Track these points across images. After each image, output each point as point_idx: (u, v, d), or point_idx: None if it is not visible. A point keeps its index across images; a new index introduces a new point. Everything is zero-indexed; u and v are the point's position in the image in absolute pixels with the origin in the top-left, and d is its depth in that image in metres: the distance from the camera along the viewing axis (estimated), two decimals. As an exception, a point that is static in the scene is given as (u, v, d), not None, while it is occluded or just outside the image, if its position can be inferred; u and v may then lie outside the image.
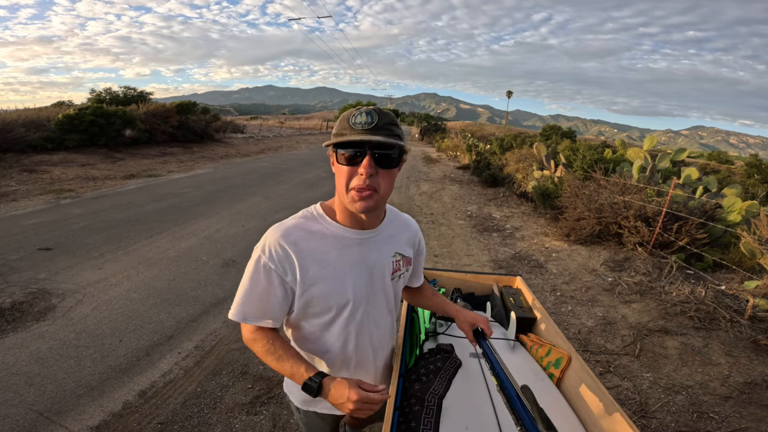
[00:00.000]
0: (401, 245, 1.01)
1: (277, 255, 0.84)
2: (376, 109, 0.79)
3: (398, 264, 0.99)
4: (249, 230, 5.06)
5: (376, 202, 0.81)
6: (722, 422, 2.15)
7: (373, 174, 0.78)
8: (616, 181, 5.46)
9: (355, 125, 0.77)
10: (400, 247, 1.01)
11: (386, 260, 0.96)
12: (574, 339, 2.98)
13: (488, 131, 32.88)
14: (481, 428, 1.03)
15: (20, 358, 2.32)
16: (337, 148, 0.80)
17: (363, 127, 0.77)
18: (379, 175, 0.80)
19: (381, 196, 0.82)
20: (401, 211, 1.08)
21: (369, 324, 0.98)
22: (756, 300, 3.08)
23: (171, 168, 9.97)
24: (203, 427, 1.96)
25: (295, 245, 0.85)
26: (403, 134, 0.85)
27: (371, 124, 0.76)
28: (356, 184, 0.79)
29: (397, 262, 0.99)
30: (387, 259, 0.97)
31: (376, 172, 0.79)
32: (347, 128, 0.78)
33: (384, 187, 0.82)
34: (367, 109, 0.80)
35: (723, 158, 25.06)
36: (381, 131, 0.77)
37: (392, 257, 0.98)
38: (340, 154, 0.80)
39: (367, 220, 0.90)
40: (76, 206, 5.71)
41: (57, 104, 14.84)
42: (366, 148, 0.77)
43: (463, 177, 11.66)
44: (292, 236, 0.86)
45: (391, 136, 0.77)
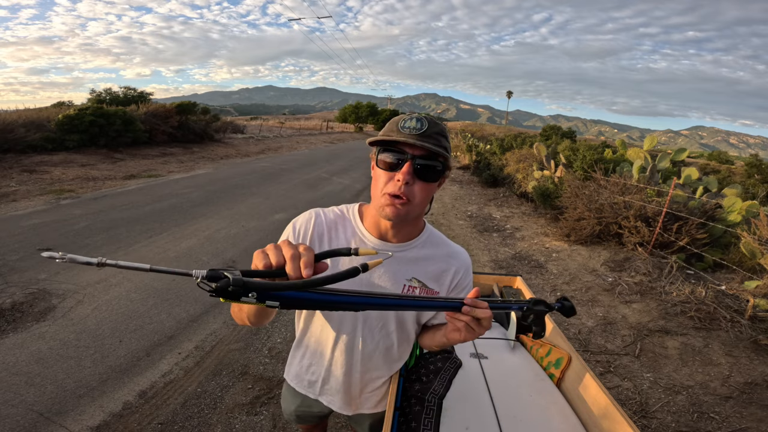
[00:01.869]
0: (427, 274, 0.89)
1: (301, 234, 0.88)
2: (427, 117, 0.76)
3: (411, 291, 0.88)
4: (249, 230, 5.06)
5: (407, 212, 0.77)
6: (723, 422, 2.15)
7: (409, 182, 0.75)
8: (616, 181, 5.46)
9: (403, 129, 0.75)
10: (424, 275, 0.89)
11: (396, 281, 0.87)
12: (575, 339, 2.98)
13: (488, 131, 32.89)
14: (481, 428, 1.03)
15: (20, 359, 2.32)
16: (379, 153, 0.77)
17: (411, 132, 0.74)
18: (416, 185, 0.76)
19: (413, 206, 0.77)
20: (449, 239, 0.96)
21: (356, 341, 0.93)
22: (756, 300, 3.08)
23: (171, 168, 9.98)
24: (203, 427, 1.96)
25: (319, 232, 0.88)
26: (451, 149, 0.81)
27: (420, 130, 0.74)
28: (391, 189, 0.75)
29: (412, 288, 0.88)
30: (399, 280, 0.87)
31: (413, 181, 0.75)
32: (395, 131, 0.75)
33: (419, 198, 0.77)
34: (419, 115, 0.77)
35: (723, 158, 25.06)
36: (428, 140, 0.73)
37: (407, 280, 0.88)
38: (380, 159, 0.77)
39: (392, 231, 0.85)
40: (77, 207, 5.71)
41: (57, 104, 14.83)
42: (408, 155, 0.74)
43: (463, 177, 11.65)
44: (320, 223, 0.89)
45: (438, 147, 0.74)
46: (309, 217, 0.90)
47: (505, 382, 1.24)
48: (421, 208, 0.80)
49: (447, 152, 0.77)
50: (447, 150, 0.77)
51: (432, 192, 0.81)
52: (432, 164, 0.75)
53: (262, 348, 2.66)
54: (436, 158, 0.76)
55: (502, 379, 1.26)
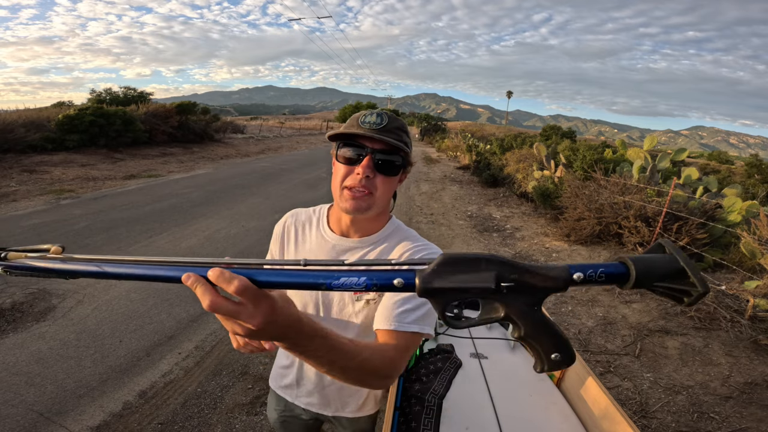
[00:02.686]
0: None
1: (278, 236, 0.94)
2: (387, 113, 0.77)
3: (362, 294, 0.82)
4: (249, 230, 5.06)
5: (369, 205, 0.77)
6: (723, 422, 2.15)
7: (370, 176, 0.75)
8: (616, 181, 5.46)
9: (364, 124, 0.75)
10: None
11: None
12: (575, 339, 2.98)
13: (488, 131, 32.91)
14: (481, 428, 1.03)
15: (21, 359, 2.32)
16: (339, 147, 0.78)
17: (371, 126, 0.74)
18: (376, 179, 0.76)
19: (375, 199, 0.77)
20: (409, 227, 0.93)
21: None
22: (756, 300, 3.08)
23: (171, 168, 9.98)
24: (203, 427, 1.96)
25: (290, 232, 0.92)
26: (411, 144, 0.81)
27: (380, 125, 0.74)
28: (350, 183, 0.76)
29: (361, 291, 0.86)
30: None
31: (374, 174, 0.75)
32: (355, 126, 0.76)
33: (381, 191, 0.77)
34: (379, 111, 0.77)
35: (723, 158, 25.06)
36: (389, 134, 0.74)
37: None
38: (340, 154, 0.77)
39: (353, 227, 0.84)
40: (77, 207, 5.71)
41: (57, 104, 14.83)
42: (368, 149, 0.74)
43: (463, 177, 11.66)
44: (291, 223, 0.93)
45: (398, 142, 0.74)
46: (284, 219, 0.95)
47: (505, 382, 1.24)
48: (383, 201, 0.79)
49: (407, 147, 0.77)
50: (407, 145, 0.77)
51: (393, 187, 0.80)
52: (392, 159, 0.76)
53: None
54: (397, 153, 0.76)
55: (502, 379, 1.26)
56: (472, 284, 0.34)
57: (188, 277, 0.38)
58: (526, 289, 0.34)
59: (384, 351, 0.67)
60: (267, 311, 0.41)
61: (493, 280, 0.33)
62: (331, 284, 0.36)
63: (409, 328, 0.71)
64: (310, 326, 0.49)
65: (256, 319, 0.40)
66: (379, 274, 0.36)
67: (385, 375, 0.65)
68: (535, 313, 0.35)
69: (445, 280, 0.34)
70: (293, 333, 0.46)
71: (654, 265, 0.33)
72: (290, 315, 0.45)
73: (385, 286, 0.36)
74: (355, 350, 0.58)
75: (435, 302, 0.35)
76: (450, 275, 0.34)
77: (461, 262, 0.34)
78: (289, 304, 0.45)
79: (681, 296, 0.33)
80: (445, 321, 0.36)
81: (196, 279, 0.38)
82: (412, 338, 0.71)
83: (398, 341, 0.69)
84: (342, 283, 0.36)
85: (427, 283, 0.34)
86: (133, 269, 0.40)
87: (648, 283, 0.33)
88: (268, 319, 0.41)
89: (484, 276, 0.34)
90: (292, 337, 0.47)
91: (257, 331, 0.41)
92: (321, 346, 0.51)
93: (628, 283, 0.33)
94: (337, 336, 0.55)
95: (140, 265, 0.40)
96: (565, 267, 0.34)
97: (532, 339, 0.36)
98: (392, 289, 0.36)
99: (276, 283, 0.39)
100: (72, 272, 0.41)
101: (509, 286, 0.34)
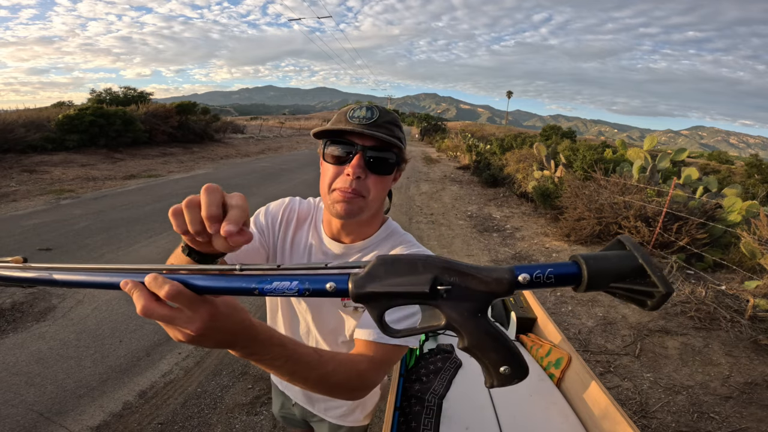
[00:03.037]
0: None
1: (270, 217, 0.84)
2: (378, 106, 0.70)
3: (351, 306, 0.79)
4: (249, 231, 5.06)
5: (361, 208, 0.70)
6: (723, 422, 2.15)
7: (361, 177, 0.68)
8: (616, 181, 5.46)
9: (352, 119, 0.68)
10: None
11: None
12: (575, 339, 2.98)
13: (488, 131, 32.91)
14: (481, 428, 1.03)
15: (21, 359, 2.32)
16: (326, 146, 0.71)
17: (360, 121, 0.67)
18: (369, 180, 0.69)
19: (368, 202, 0.71)
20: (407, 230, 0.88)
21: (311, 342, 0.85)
22: (756, 300, 3.08)
23: (171, 168, 9.98)
24: (204, 427, 1.96)
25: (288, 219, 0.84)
26: (405, 139, 0.75)
27: (370, 119, 0.68)
28: (340, 185, 0.69)
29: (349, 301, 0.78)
30: None
31: (365, 175, 0.69)
32: (343, 121, 0.69)
33: (374, 193, 0.71)
34: (368, 104, 0.71)
35: (723, 158, 25.06)
36: (380, 129, 0.67)
37: None
38: (328, 153, 0.70)
39: (344, 231, 0.78)
40: (77, 207, 5.71)
41: (57, 104, 14.83)
42: (358, 146, 0.68)
43: (463, 177, 11.65)
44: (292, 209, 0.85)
45: (391, 137, 0.68)
46: (282, 202, 0.87)
47: (505, 382, 1.24)
48: (376, 203, 0.73)
49: (401, 143, 0.71)
50: (401, 140, 0.71)
51: (387, 186, 0.74)
52: (385, 156, 0.69)
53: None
54: (390, 149, 0.70)
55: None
56: (406, 288, 0.31)
57: (126, 283, 0.38)
58: (466, 293, 0.30)
59: (354, 363, 0.62)
60: (206, 317, 0.39)
61: (428, 283, 0.30)
62: (263, 289, 0.35)
63: (388, 341, 0.64)
64: (266, 334, 0.47)
65: (194, 324, 0.39)
66: (312, 278, 0.34)
67: (352, 388, 0.61)
68: (479, 321, 0.31)
69: (379, 284, 0.31)
70: (244, 340, 0.45)
71: (609, 264, 0.29)
72: (238, 321, 0.43)
73: (318, 291, 0.34)
74: (318, 361, 0.55)
75: (370, 308, 0.33)
76: (384, 278, 0.31)
77: (397, 265, 0.32)
78: (237, 311, 0.43)
79: (643, 299, 0.29)
80: (381, 329, 0.33)
81: (133, 285, 0.37)
82: (392, 350, 0.66)
83: (375, 353, 0.65)
84: (274, 288, 0.35)
85: (360, 288, 0.32)
86: (79, 276, 0.40)
87: (603, 285, 0.30)
88: (208, 324, 0.39)
89: (419, 279, 0.30)
90: (244, 345, 0.45)
91: (198, 336, 0.40)
92: (278, 354, 0.49)
93: (581, 286, 0.30)
94: (296, 345, 0.52)
95: (86, 272, 0.40)
96: (510, 268, 0.31)
97: (477, 350, 0.32)
98: (325, 294, 0.34)
99: (210, 288, 0.38)
100: (26, 280, 0.41)
101: (447, 290, 0.30)
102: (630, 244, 0.30)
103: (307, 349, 0.55)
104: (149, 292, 0.37)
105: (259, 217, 0.84)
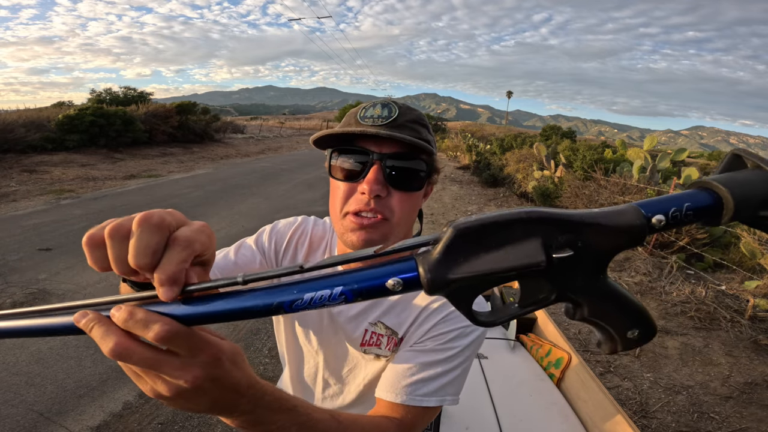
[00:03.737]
0: (397, 316, 0.62)
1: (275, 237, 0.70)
2: (398, 102, 0.55)
3: (375, 338, 0.63)
4: (249, 231, 5.03)
5: (384, 236, 0.53)
6: (723, 422, 2.15)
7: (381, 195, 0.51)
8: (616, 181, 5.46)
9: (364, 119, 0.53)
10: (395, 317, 0.62)
11: (357, 323, 0.64)
12: (574, 339, 2.98)
13: (488, 131, 32.92)
14: (481, 428, 1.03)
15: (21, 359, 2.32)
16: (332, 157, 0.55)
17: (375, 122, 0.52)
18: (392, 198, 0.53)
19: (392, 227, 0.54)
20: None
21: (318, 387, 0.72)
22: (756, 300, 3.08)
23: (171, 168, 9.98)
24: (203, 427, 1.96)
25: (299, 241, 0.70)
26: (435, 143, 0.57)
27: (389, 118, 0.52)
28: (354, 207, 0.53)
29: (374, 334, 0.63)
30: (360, 322, 0.63)
31: (387, 192, 0.52)
32: (353, 123, 0.54)
33: (399, 215, 0.53)
34: (385, 100, 0.55)
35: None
36: (402, 130, 0.51)
37: (370, 324, 0.63)
38: (336, 166, 0.54)
39: None
40: (77, 207, 5.71)
41: (57, 105, 14.85)
42: (374, 155, 0.51)
43: (463, 177, 11.65)
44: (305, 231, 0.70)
45: (417, 139, 0.52)
46: (294, 221, 0.71)
47: (505, 382, 1.24)
48: (403, 228, 0.56)
49: (431, 146, 0.53)
50: (431, 144, 0.54)
51: (417, 205, 0.57)
52: (410, 165, 0.53)
53: (263, 348, 2.65)
54: (416, 156, 0.53)
55: (502, 379, 1.26)
56: (509, 263, 0.22)
57: (82, 316, 0.26)
58: (588, 253, 0.23)
59: (381, 428, 0.50)
60: (208, 361, 0.28)
61: (541, 251, 0.22)
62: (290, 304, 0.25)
63: (423, 402, 0.53)
64: (273, 395, 0.37)
65: (191, 372, 0.27)
66: (360, 275, 0.24)
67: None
68: (602, 283, 0.24)
69: (466, 265, 0.23)
70: (248, 402, 0.33)
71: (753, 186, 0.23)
72: (245, 373, 0.32)
73: (373, 291, 0.24)
74: (336, 429, 0.43)
75: (455, 300, 0.24)
76: (471, 257, 0.23)
77: (486, 232, 0.23)
78: (243, 358, 0.32)
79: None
80: (475, 322, 0.26)
81: (94, 317, 0.26)
82: (424, 413, 0.54)
83: (404, 417, 0.52)
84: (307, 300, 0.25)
85: (439, 276, 0.23)
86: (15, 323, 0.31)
87: (749, 213, 0.23)
88: (209, 373, 0.28)
89: (526, 248, 0.22)
90: (247, 409, 0.33)
91: (191, 390, 0.27)
92: (288, 422, 0.38)
93: (724, 217, 0.23)
94: (309, 410, 0.41)
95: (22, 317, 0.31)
96: (635, 209, 0.23)
97: (601, 317, 0.26)
98: (385, 293, 0.24)
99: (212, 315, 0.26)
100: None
101: (565, 257, 0.22)
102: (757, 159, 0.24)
103: (323, 413, 0.43)
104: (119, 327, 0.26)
105: (263, 237, 0.70)
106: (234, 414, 0.33)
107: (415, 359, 0.56)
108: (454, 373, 0.55)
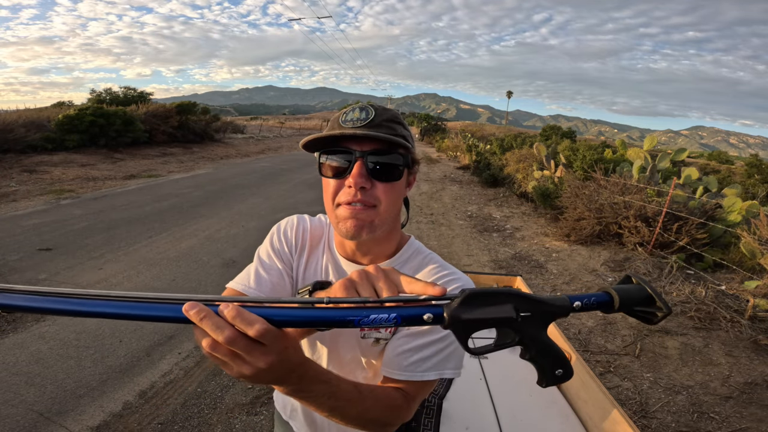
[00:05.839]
0: None
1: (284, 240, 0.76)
2: (374, 105, 0.63)
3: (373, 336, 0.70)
4: (249, 230, 5.06)
5: (372, 221, 0.62)
6: (723, 422, 2.15)
7: (366, 186, 0.60)
8: (616, 181, 5.46)
9: (345, 123, 0.61)
10: None
11: None
12: (575, 339, 2.98)
13: (488, 131, 32.91)
14: (481, 428, 1.03)
15: (21, 359, 2.32)
16: (321, 158, 0.64)
17: (354, 124, 0.60)
18: (376, 189, 0.61)
19: (380, 213, 0.62)
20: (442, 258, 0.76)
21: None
22: (756, 300, 3.08)
23: (171, 168, 9.98)
24: (203, 427, 1.96)
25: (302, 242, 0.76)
26: (412, 138, 0.66)
27: (366, 119, 0.60)
28: (344, 199, 0.61)
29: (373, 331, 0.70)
30: None
31: (371, 184, 0.61)
32: (336, 127, 0.62)
33: (386, 203, 0.62)
34: (363, 104, 0.63)
35: (723, 158, 25.06)
36: (379, 129, 0.60)
37: None
38: (325, 165, 0.63)
39: (359, 251, 0.70)
40: (77, 207, 5.71)
41: (57, 104, 14.86)
42: (356, 153, 0.60)
43: (463, 177, 11.65)
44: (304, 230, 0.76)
45: (393, 136, 0.60)
46: (293, 223, 0.77)
47: (505, 382, 1.24)
48: (390, 214, 0.64)
49: (407, 141, 0.62)
50: (406, 139, 0.63)
51: (401, 193, 0.66)
52: (389, 160, 0.61)
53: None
54: (394, 150, 0.61)
55: (502, 379, 1.26)
56: (495, 315, 0.38)
57: (192, 307, 0.33)
58: (537, 317, 0.39)
59: (391, 399, 0.60)
60: (281, 349, 0.38)
61: (513, 311, 0.38)
62: (359, 320, 0.36)
63: (424, 377, 0.62)
64: (315, 370, 0.46)
65: (269, 357, 0.37)
66: (409, 310, 0.37)
67: (385, 423, 0.60)
68: (544, 336, 0.40)
69: (471, 312, 0.37)
70: (297, 377, 0.43)
71: (630, 294, 0.41)
72: (301, 356, 0.43)
73: (414, 321, 0.37)
74: (358, 398, 0.53)
75: (459, 334, 0.38)
76: (475, 308, 0.37)
77: (485, 297, 0.38)
78: (299, 346, 0.42)
79: (650, 317, 0.41)
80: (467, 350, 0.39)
81: (205, 311, 0.33)
82: (424, 386, 0.64)
83: (408, 389, 0.63)
84: (371, 320, 0.36)
85: (456, 317, 0.37)
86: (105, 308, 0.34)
87: (628, 308, 0.41)
88: (281, 357, 0.38)
89: (505, 308, 0.38)
90: (295, 381, 0.44)
91: (265, 370, 0.38)
92: (322, 392, 0.48)
93: (612, 308, 0.41)
94: (338, 381, 0.51)
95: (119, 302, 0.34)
96: (566, 297, 0.40)
97: (540, 357, 0.40)
98: (421, 323, 0.37)
99: (298, 321, 0.37)
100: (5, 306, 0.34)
101: (526, 316, 0.38)
102: (638, 279, 0.43)
103: (348, 384, 0.53)
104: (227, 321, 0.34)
105: (274, 243, 0.75)
106: (285, 383, 0.43)
107: (414, 341, 0.64)
108: (449, 349, 0.64)
